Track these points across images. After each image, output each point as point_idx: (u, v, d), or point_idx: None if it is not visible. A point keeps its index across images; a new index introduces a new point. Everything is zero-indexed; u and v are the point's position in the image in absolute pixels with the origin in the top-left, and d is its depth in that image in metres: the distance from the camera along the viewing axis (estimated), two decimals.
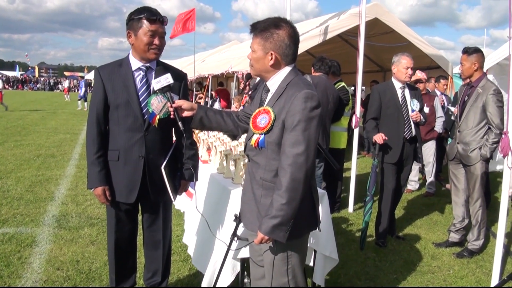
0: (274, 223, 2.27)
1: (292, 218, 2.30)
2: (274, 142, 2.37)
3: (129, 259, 3.34)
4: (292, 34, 2.43)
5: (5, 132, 13.38)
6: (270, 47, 2.41)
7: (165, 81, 2.79)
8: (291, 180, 2.25)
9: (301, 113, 2.27)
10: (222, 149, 4.14)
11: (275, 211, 2.27)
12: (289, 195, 2.25)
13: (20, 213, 5.65)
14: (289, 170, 2.25)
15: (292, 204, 2.26)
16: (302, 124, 2.27)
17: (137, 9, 2.98)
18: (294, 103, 2.29)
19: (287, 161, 2.27)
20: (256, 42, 2.45)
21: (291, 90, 2.36)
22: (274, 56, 2.41)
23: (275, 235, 2.30)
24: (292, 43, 2.43)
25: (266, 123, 2.38)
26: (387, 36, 9.42)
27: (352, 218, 6.07)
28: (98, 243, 4.74)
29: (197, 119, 2.72)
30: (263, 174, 2.45)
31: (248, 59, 2.58)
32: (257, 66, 2.50)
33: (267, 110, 2.41)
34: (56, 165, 8.81)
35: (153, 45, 2.94)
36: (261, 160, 2.46)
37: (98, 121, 3.02)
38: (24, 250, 4.52)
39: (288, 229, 2.30)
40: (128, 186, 3.06)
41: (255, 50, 2.47)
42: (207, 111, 2.77)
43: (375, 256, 4.76)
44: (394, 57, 5.02)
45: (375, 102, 5.08)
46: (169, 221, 3.33)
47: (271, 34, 2.40)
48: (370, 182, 4.81)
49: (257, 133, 2.42)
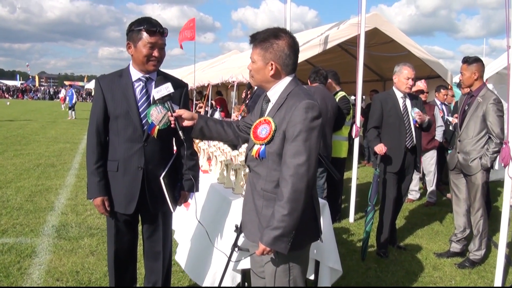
0: (276, 234, 2.26)
1: (294, 229, 2.28)
2: (275, 153, 2.37)
3: (129, 270, 3.31)
4: (292, 44, 2.44)
5: (5, 142, 13.37)
6: (270, 57, 2.41)
7: (166, 90, 2.79)
8: (292, 191, 2.24)
9: (302, 123, 2.27)
10: (223, 159, 4.13)
11: (277, 222, 2.26)
12: (291, 206, 2.24)
13: (19, 223, 5.63)
14: (291, 180, 2.24)
15: (293, 215, 2.25)
16: (303, 135, 2.26)
17: (137, 20, 2.97)
18: (295, 113, 2.29)
19: (288, 172, 2.26)
20: (256, 53, 2.46)
21: (291, 100, 2.36)
22: (274, 66, 2.42)
23: (276, 247, 2.28)
24: (292, 53, 2.44)
25: (267, 133, 2.37)
26: (386, 46, 9.45)
27: (353, 228, 6.05)
28: (98, 254, 4.71)
29: (198, 129, 2.73)
30: (264, 184, 2.44)
31: (248, 69, 2.58)
32: (258, 77, 2.50)
33: (267, 120, 2.40)
34: (56, 175, 8.79)
35: (152, 57, 2.93)
36: (262, 171, 2.45)
37: (98, 131, 3.02)
38: (24, 260, 4.50)
39: (290, 240, 2.29)
40: (127, 197, 3.04)
41: (255, 61, 2.47)
42: (208, 120, 2.77)
43: (376, 266, 4.73)
44: (396, 67, 5.02)
45: (377, 110, 5.07)
46: (169, 231, 3.31)
47: (270, 44, 2.40)
48: (371, 192, 4.79)
49: (258, 143, 2.41)
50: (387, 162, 4.92)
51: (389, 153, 4.87)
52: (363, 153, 11.59)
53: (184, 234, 4.29)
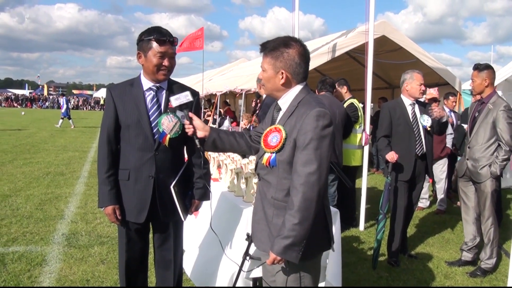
0: (286, 243, 2.24)
1: (305, 239, 2.26)
2: (285, 161, 2.35)
3: (140, 278, 3.31)
4: (302, 52, 2.43)
5: (14, 150, 13.45)
6: (281, 66, 2.41)
7: (185, 98, 2.79)
8: (303, 199, 2.22)
9: (312, 131, 2.25)
10: (233, 167, 4.13)
11: (287, 231, 2.24)
12: (302, 215, 2.22)
13: (29, 232, 5.64)
14: (301, 189, 2.23)
15: (304, 224, 2.23)
16: (314, 143, 2.24)
17: (147, 30, 2.99)
18: (306, 121, 2.28)
19: (299, 181, 2.24)
20: (266, 62, 2.46)
21: (302, 108, 2.35)
22: (284, 75, 2.41)
23: (287, 256, 2.26)
24: (303, 61, 2.43)
25: (277, 141, 2.36)
26: (395, 54, 9.43)
27: (363, 236, 6.01)
28: (108, 262, 4.72)
29: (210, 141, 2.72)
30: (275, 193, 2.42)
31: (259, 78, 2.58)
32: (268, 86, 2.50)
33: (278, 128, 2.39)
34: (65, 183, 8.83)
35: (163, 66, 2.95)
36: (272, 179, 2.43)
37: (109, 140, 3.03)
38: (34, 269, 4.51)
39: (301, 249, 2.27)
40: (138, 206, 3.05)
41: (265, 70, 2.47)
42: (220, 133, 2.76)
43: (388, 275, 4.70)
44: (405, 75, 5.00)
45: (386, 119, 5.06)
46: (180, 240, 3.30)
47: (281, 53, 2.40)
48: (383, 200, 4.76)
49: (268, 151, 2.40)
50: (398, 170, 4.90)
51: (400, 161, 4.85)
52: (372, 160, 11.55)
53: (192, 242, 4.29)
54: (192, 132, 2.72)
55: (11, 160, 11.39)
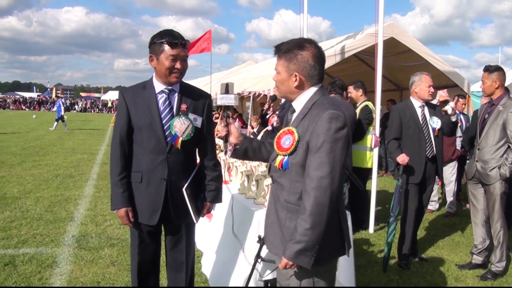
0: (298, 248, 2.19)
1: (317, 244, 2.21)
2: (298, 164, 2.31)
3: (151, 281, 3.32)
4: (317, 54, 2.39)
5: (23, 153, 13.53)
6: (294, 68, 2.37)
7: (231, 101, 2.74)
8: (315, 204, 2.18)
9: (325, 134, 2.21)
10: (244, 170, 4.13)
11: (299, 236, 2.19)
12: (313, 220, 2.17)
13: (40, 233, 5.67)
14: (313, 193, 2.18)
15: (316, 229, 2.19)
16: (327, 146, 2.20)
17: (159, 33, 3.00)
18: (318, 123, 2.24)
19: (311, 185, 2.20)
20: (280, 64, 2.42)
21: (315, 110, 2.31)
22: (298, 78, 2.38)
23: (299, 261, 2.21)
24: (317, 63, 2.39)
25: (290, 144, 2.33)
26: (403, 56, 9.40)
27: (373, 238, 5.99)
28: (119, 264, 4.73)
29: (242, 150, 2.68)
30: (287, 196, 2.38)
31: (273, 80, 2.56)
32: (282, 88, 2.47)
33: (291, 130, 2.36)
34: (74, 185, 8.87)
35: (175, 69, 2.95)
36: (285, 182, 2.40)
37: (121, 143, 3.04)
38: (45, 270, 4.53)
39: (313, 254, 2.22)
40: (150, 208, 3.06)
41: (279, 72, 2.44)
42: (252, 141, 2.73)
43: (398, 278, 4.68)
44: (414, 77, 4.99)
45: (395, 122, 5.05)
46: (192, 243, 3.31)
47: (294, 55, 2.37)
48: (393, 203, 4.74)
49: (281, 154, 2.36)
50: (409, 172, 4.88)
51: (410, 164, 4.83)
52: (381, 163, 11.51)
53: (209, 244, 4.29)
54: (224, 135, 2.67)
55: (20, 163, 11.47)
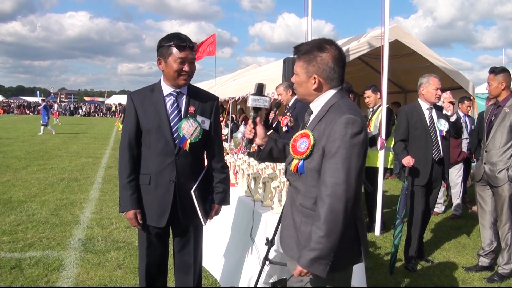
0: (313, 256, 2.12)
1: (333, 252, 2.13)
2: (314, 169, 2.25)
3: (159, 283, 3.31)
4: (337, 56, 2.32)
5: (27, 157, 13.57)
6: (313, 70, 2.31)
7: (263, 103, 2.68)
8: (329, 211, 2.11)
9: (341, 139, 2.14)
10: (250, 172, 4.13)
11: (314, 244, 2.13)
12: (328, 227, 2.11)
13: (46, 237, 5.68)
14: (328, 201, 2.12)
15: (331, 237, 2.11)
16: (342, 151, 2.13)
17: (167, 36, 3.01)
18: (334, 128, 2.17)
19: (326, 192, 2.14)
20: (299, 65, 2.36)
21: (332, 114, 2.24)
22: (317, 80, 2.31)
23: (314, 269, 2.14)
24: (337, 66, 2.32)
25: (305, 148, 2.26)
26: (408, 58, 9.40)
27: (379, 241, 5.98)
28: (125, 267, 4.73)
29: (267, 150, 2.62)
30: (303, 200, 2.32)
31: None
32: (300, 90, 2.41)
33: (307, 134, 2.29)
34: (79, 189, 8.88)
35: (183, 72, 2.97)
36: (301, 186, 2.34)
37: (130, 145, 3.05)
38: (52, 274, 4.53)
39: (328, 263, 2.14)
40: (159, 210, 3.06)
41: (298, 74, 2.37)
42: (277, 142, 2.67)
43: (405, 281, 4.67)
44: (422, 79, 4.99)
45: (403, 123, 5.04)
46: (200, 245, 3.30)
47: (314, 57, 2.30)
48: (400, 205, 4.72)
49: (297, 158, 2.31)
50: (415, 175, 4.86)
51: (417, 166, 4.82)
52: None
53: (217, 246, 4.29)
54: (252, 136, 2.62)
55: (25, 167, 11.49)
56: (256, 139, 2.61)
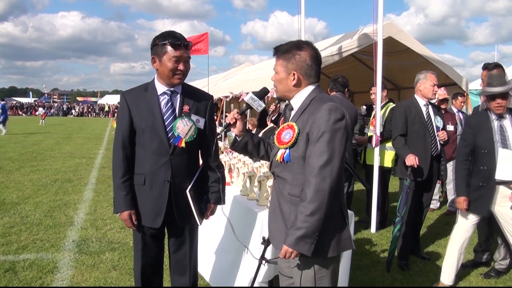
0: (299, 235, 2.26)
1: (317, 231, 2.27)
2: (300, 156, 2.38)
3: (155, 284, 3.28)
4: (314, 55, 2.50)
5: (21, 158, 13.47)
6: (293, 67, 2.46)
7: (257, 106, 2.68)
8: (315, 191, 2.24)
9: (325, 125, 2.29)
10: (246, 171, 4.10)
11: (299, 223, 2.26)
12: (314, 206, 2.24)
13: (40, 239, 5.63)
14: (313, 181, 2.25)
15: (316, 216, 2.24)
16: (327, 136, 2.27)
17: (161, 34, 2.97)
18: (318, 115, 2.32)
19: (311, 173, 2.27)
20: (279, 64, 2.52)
21: (314, 105, 2.40)
22: (296, 76, 2.46)
23: (299, 248, 2.28)
24: (314, 63, 2.49)
25: (290, 137, 2.40)
26: (401, 55, 9.40)
27: (375, 238, 5.96)
28: (120, 268, 4.69)
29: (243, 143, 2.73)
30: (291, 189, 2.44)
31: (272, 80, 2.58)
32: (280, 87, 2.55)
33: (291, 125, 2.43)
34: (73, 190, 8.81)
35: (178, 71, 2.93)
36: (287, 176, 2.46)
37: (124, 145, 3.01)
38: (46, 276, 4.48)
39: (313, 242, 2.28)
40: (154, 211, 3.02)
41: (278, 72, 2.52)
42: (253, 137, 2.78)
43: (402, 278, 4.65)
44: (419, 75, 4.97)
45: (401, 118, 5.01)
46: (195, 246, 3.27)
47: (293, 55, 2.47)
48: (400, 203, 4.67)
49: (282, 147, 2.43)
50: (416, 171, 4.82)
51: None
52: None
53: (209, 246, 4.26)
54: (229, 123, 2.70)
55: (18, 168, 11.41)
56: (233, 129, 2.71)
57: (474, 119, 4.37)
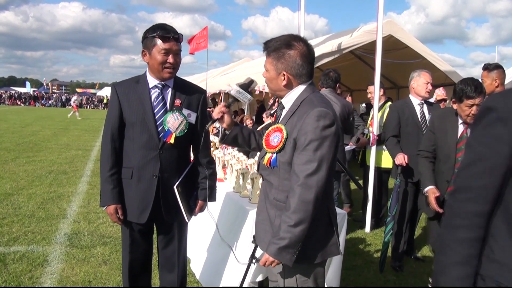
0: (281, 245, 2.19)
1: (300, 241, 2.21)
2: (286, 162, 2.30)
3: (143, 281, 3.24)
4: (306, 53, 2.36)
5: (17, 148, 13.40)
6: (282, 67, 2.36)
7: (243, 99, 2.62)
8: (299, 201, 2.17)
9: (312, 132, 2.20)
10: (239, 168, 4.05)
11: (282, 233, 2.20)
12: (298, 217, 2.17)
13: (31, 231, 5.57)
14: (298, 191, 2.18)
15: (300, 226, 2.18)
16: (314, 144, 2.19)
17: (151, 27, 2.92)
18: (306, 121, 2.23)
19: (296, 182, 2.20)
20: (268, 62, 2.41)
21: (304, 108, 2.30)
22: (286, 77, 2.37)
23: (281, 258, 2.22)
24: (306, 62, 2.37)
25: (278, 141, 2.32)
26: (401, 53, 9.33)
27: (369, 238, 5.91)
28: (111, 263, 4.64)
29: (232, 136, 2.65)
30: (276, 194, 2.38)
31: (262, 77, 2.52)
32: (271, 86, 2.48)
33: (279, 128, 2.35)
34: (68, 182, 8.75)
35: (167, 64, 2.87)
36: (274, 180, 2.39)
37: (112, 138, 2.96)
38: (36, 269, 4.43)
39: (295, 252, 2.22)
40: (140, 206, 2.97)
41: (268, 70, 2.43)
42: (243, 129, 2.71)
43: (395, 279, 4.61)
44: (413, 73, 4.93)
45: (394, 119, 4.96)
46: (184, 242, 3.22)
47: (282, 54, 2.34)
48: (391, 203, 4.64)
49: (270, 151, 2.36)
50: (407, 171, 4.79)
51: (409, 163, 4.74)
52: None
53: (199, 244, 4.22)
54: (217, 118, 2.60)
55: (13, 158, 11.34)
56: (222, 122, 2.62)
57: None
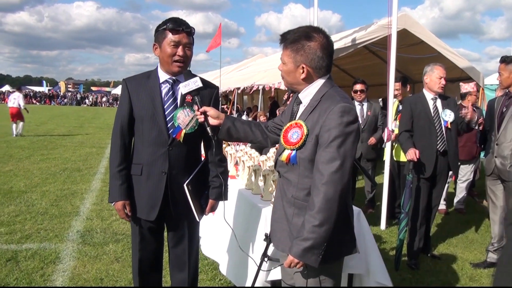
0: (306, 246, 2.11)
1: (326, 241, 2.12)
2: (307, 159, 2.21)
3: (153, 279, 3.18)
4: (326, 45, 2.26)
5: (31, 146, 13.50)
6: (301, 60, 2.25)
7: (194, 84, 2.64)
8: (325, 200, 2.09)
9: (337, 128, 2.12)
10: (251, 164, 3.99)
11: (307, 233, 2.11)
12: (323, 216, 2.09)
13: (44, 228, 5.58)
14: (323, 189, 2.09)
15: (325, 226, 2.10)
16: (338, 140, 2.11)
17: (163, 21, 2.88)
18: (330, 117, 2.14)
19: (321, 180, 2.11)
20: (286, 54, 2.30)
21: (325, 103, 2.20)
22: (305, 70, 2.26)
23: (306, 259, 2.13)
24: (325, 54, 2.26)
25: (298, 138, 2.23)
26: (415, 47, 9.20)
27: (385, 235, 5.82)
28: (123, 260, 4.61)
29: (225, 129, 2.58)
30: (295, 192, 2.28)
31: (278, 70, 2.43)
32: (288, 79, 2.36)
33: (299, 124, 2.25)
34: (81, 179, 8.78)
35: (177, 57, 2.81)
36: (293, 178, 2.30)
37: (122, 133, 2.91)
38: (47, 267, 4.42)
39: (321, 252, 2.12)
40: (149, 203, 2.91)
41: (285, 63, 2.31)
42: (235, 121, 2.63)
43: (411, 277, 4.51)
44: (426, 67, 4.82)
45: (407, 114, 4.86)
46: (195, 241, 3.15)
47: (302, 46, 2.24)
48: (404, 199, 4.56)
49: (289, 148, 2.26)
50: (419, 167, 4.69)
51: (421, 158, 4.64)
52: None
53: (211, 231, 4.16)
54: (203, 119, 2.57)
55: (28, 156, 11.42)
56: (210, 120, 2.57)
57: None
